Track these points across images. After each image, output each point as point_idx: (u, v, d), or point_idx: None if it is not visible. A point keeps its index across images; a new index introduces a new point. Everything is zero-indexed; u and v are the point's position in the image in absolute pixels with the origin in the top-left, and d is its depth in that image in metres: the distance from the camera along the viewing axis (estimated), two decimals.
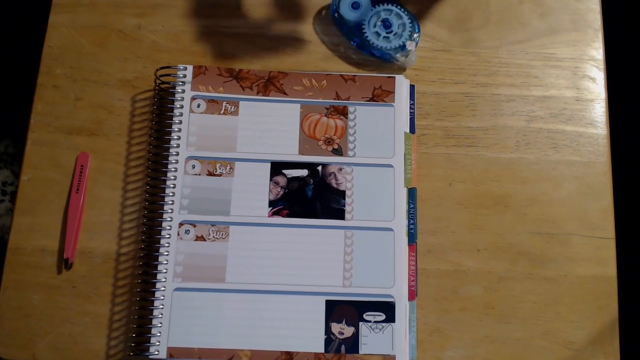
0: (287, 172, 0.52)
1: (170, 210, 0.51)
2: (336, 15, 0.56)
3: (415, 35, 0.56)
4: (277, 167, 0.52)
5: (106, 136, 0.54)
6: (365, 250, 0.50)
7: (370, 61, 0.57)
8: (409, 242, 0.51)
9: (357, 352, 0.48)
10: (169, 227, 0.50)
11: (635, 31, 1.05)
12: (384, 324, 0.49)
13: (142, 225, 0.51)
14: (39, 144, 0.54)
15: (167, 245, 0.50)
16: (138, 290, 0.50)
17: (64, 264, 0.51)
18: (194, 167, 0.52)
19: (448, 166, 0.54)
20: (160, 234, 0.50)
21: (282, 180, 0.52)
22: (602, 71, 0.57)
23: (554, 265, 0.53)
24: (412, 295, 0.50)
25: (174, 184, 0.51)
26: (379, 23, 0.55)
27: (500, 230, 0.53)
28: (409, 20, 0.55)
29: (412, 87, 0.55)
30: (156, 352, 0.48)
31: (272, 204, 0.51)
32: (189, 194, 0.51)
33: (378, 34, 0.55)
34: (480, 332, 0.51)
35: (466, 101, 0.56)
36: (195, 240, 0.50)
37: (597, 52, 0.58)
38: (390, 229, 0.51)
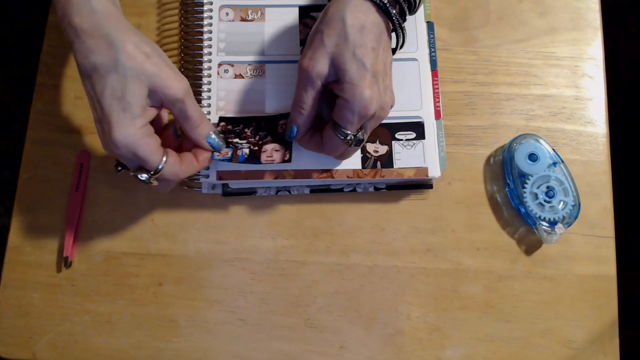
0: (315, 14, 0.54)
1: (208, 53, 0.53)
2: (508, 156, 0.54)
3: (569, 220, 0.52)
4: (305, 11, 0.54)
5: None
6: (393, 80, 0.50)
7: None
8: (431, 68, 0.54)
9: (392, 167, 0.51)
10: (208, 68, 0.53)
11: (635, 30, 1.05)
12: (414, 141, 0.52)
13: (181, 67, 0.53)
14: (38, 142, 0.54)
15: (208, 83, 0.52)
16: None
17: (63, 262, 0.51)
18: (227, 14, 0.55)
19: (447, 165, 0.54)
20: (201, 74, 0.53)
21: (310, 22, 0.54)
22: (602, 70, 0.57)
23: (554, 264, 0.53)
24: (438, 114, 0.54)
25: (210, 30, 0.54)
26: (543, 186, 0.52)
27: (500, 229, 0.53)
28: (573, 205, 0.52)
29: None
30: (207, 176, 0.50)
31: (303, 43, 0.53)
32: (224, 38, 0.54)
33: (536, 196, 0.52)
34: (480, 331, 0.51)
35: (466, 100, 0.56)
36: (235, 78, 0.53)
37: (597, 51, 0.58)
38: (414, 59, 0.54)
